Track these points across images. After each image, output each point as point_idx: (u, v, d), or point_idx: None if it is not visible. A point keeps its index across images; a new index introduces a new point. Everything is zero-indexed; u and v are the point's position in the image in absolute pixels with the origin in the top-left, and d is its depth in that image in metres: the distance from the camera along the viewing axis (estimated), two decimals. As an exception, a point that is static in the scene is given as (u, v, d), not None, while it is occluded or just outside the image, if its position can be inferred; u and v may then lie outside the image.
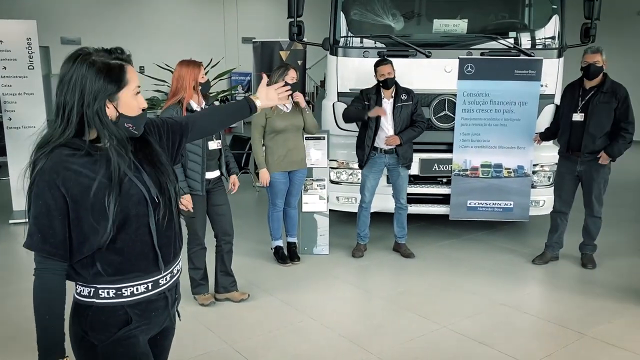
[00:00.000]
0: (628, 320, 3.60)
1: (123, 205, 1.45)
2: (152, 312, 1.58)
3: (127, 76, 1.47)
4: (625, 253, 4.88)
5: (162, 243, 1.55)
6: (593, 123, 4.23)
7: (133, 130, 1.50)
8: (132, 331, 1.54)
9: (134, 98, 1.49)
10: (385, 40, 5.10)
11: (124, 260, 1.49)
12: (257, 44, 7.42)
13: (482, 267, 4.57)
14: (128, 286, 1.51)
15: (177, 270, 1.65)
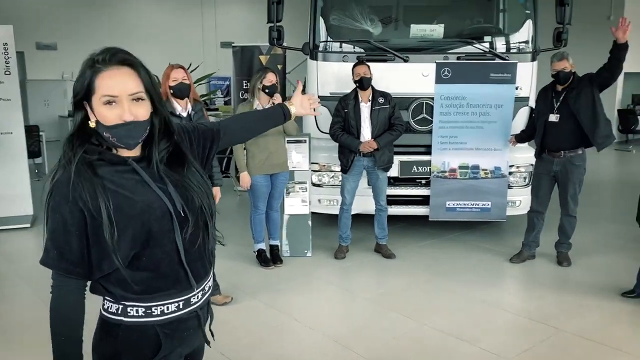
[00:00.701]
0: (602, 315, 3.72)
1: (144, 220, 1.34)
2: (184, 332, 1.47)
3: (96, 82, 1.31)
4: (600, 251, 5.02)
5: (191, 259, 1.43)
6: (566, 124, 4.36)
7: (115, 141, 1.33)
8: (167, 356, 1.45)
9: (102, 107, 1.31)
10: (364, 45, 5.18)
11: (152, 278, 1.39)
12: (237, 49, 7.44)
13: (461, 266, 4.67)
14: (158, 305, 1.40)
15: (208, 287, 1.54)
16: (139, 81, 1.35)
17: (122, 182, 1.35)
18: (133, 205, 1.33)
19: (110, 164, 1.36)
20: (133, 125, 1.32)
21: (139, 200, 1.34)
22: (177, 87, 3.49)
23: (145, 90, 1.36)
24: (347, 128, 4.60)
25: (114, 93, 1.30)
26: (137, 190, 1.36)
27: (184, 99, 3.54)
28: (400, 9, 5.75)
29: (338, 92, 4.94)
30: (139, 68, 1.36)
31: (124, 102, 1.31)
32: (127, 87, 1.32)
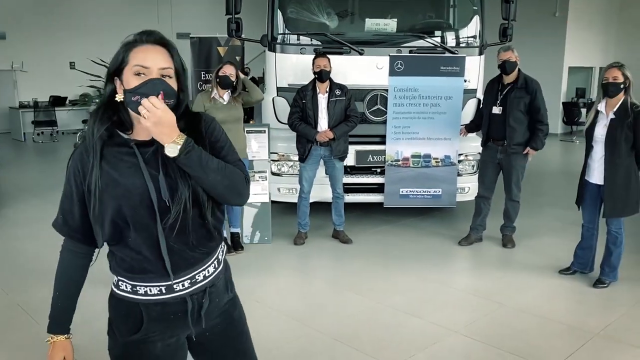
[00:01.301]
0: (542, 291, 4.03)
1: (121, 203, 1.39)
2: (170, 315, 1.50)
3: (129, 55, 1.40)
4: (541, 234, 5.37)
5: (174, 248, 1.43)
6: (511, 116, 4.61)
7: (139, 100, 1.33)
8: (148, 336, 1.50)
9: (132, 77, 1.38)
10: (321, 38, 5.33)
11: (137, 259, 1.44)
12: (195, 40, 7.45)
13: (414, 250, 4.92)
14: (142, 285, 1.46)
15: (203, 277, 1.51)
16: (171, 61, 1.42)
17: (117, 164, 1.41)
18: (116, 188, 1.39)
19: (116, 145, 1.42)
20: (159, 81, 1.37)
21: (122, 184, 1.39)
22: None
23: (175, 70, 1.43)
24: (304, 118, 4.76)
25: (146, 64, 1.37)
26: (126, 174, 1.40)
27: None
28: (356, 3, 5.94)
29: (296, 84, 5.08)
30: (172, 50, 1.45)
31: (154, 73, 1.38)
32: (159, 61, 1.39)
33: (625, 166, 3.75)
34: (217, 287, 1.57)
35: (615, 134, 3.71)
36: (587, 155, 3.96)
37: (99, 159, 1.39)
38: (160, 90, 1.35)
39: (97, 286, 1.98)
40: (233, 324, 1.66)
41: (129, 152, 1.41)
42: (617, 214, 3.86)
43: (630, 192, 3.79)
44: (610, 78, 3.72)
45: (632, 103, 3.71)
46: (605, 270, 4.04)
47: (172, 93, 1.39)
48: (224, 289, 1.61)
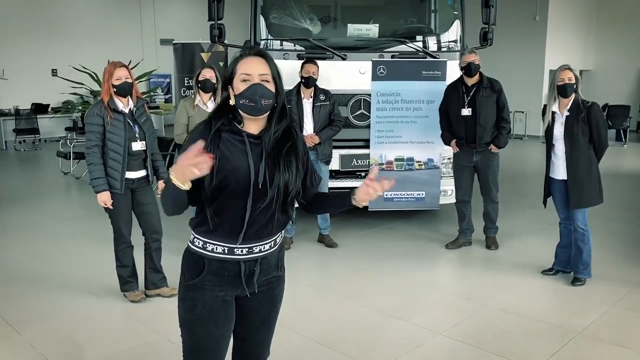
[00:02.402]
0: (525, 290, 4.09)
1: (229, 175, 1.73)
2: (225, 272, 1.82)
3: (237, 67, 1.78)
4: (522, 234, 5.44)
5: (254, 222, 1.78)
6: (482, 116, 4.70)
7: (250, 103, 1.73)
8: (204, 284, 1.82)
9: (240, 83, 1.75)
10: (304, 43, 5.36)
11: (218, 219, 1.77)
12: (178, 46, 7.46)
13: (399, 253, 4.96)
14: (211, 243, 1.81)
15: (259, 250, 1.83)
16: (269, 69, 1.77)
17: (230, 147, 1.76)
18: (227, 163, 1.73)
19: (232, 133, 1.78)
20: (259, 85, 1.74)
21: (232, 161, 1.74)
22: (121, 86, 3.54)
23: (272, 76, 1.77)
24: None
25: (249, 72, 1.75)
26: (237, 155, 1.75)
27: (126, 97, 3.61)
28: (338, 8, 5.98)
29: (279, 89, 5.08)
30: (269, 60, 1.79)
31: (255, 79, 1.74)
32: (258, 69, 1.75)
33: (586, 158, 3.95)
34: (268, 261, 1.88)
35: (572, 129, 3.93)
36: (548, 155, 4.14)
37: (218, 142, 1.74)
38: (261, 93, 1.73)
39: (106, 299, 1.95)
40: (271, 297, 1.95)
41: (240, 140, 1.77)
42: (584, 204, 3.99)
43: (592, 182, 3.97)
44: (566, 79, 3.93)
45: (582, 100, 3.95)
46: (579, 268, 4.12)
47: (269, 95, 1.75)
48: (274, 266, 1.91)
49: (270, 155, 1.77)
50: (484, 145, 4.74)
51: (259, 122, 1.80)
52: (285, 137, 1.82)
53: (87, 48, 13.87)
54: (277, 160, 1.77)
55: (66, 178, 8.84)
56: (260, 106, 1.73)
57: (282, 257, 1.96)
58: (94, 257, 4.77)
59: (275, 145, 1.79)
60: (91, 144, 3.56)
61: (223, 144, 1.75)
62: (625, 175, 8.69)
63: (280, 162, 1.77)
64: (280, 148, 1.79)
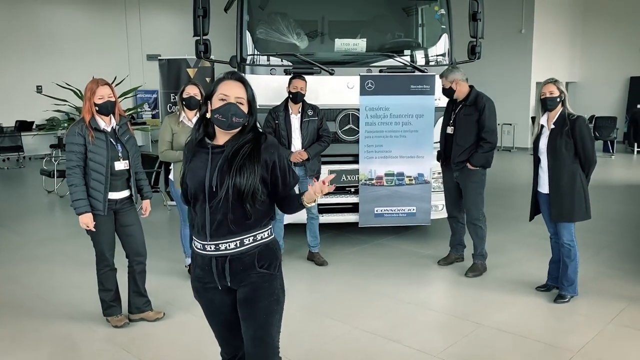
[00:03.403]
0: (519, 308, 4.00)
1: (191, 183, 2.07)
2: (204, 266, 2.12)
3: (217, 87, 2.06)
4: (513, 249, 5.37)
5: (214, 220, 2.04)
6: (459, 134, 4.59)
7: (222, 119, 2.01)
8: (197, 275, 2.16)
9: (217, 102, 2.03)
10: (291, 59, 5.30)
11: (196, 221, 2.10)
12: (164, 62, 7.36)
13: (390, 270, 4.86)
14: (195, 240, 2.13)
15: (225, 248, 2.06)
16: (245, 93, 2.06)
17: (197, 160, 2.08)
18: (192, 174, 2.08)
19: (203, 147, 2.10)
20: (232, 105, 2.02)
21: (196, 172, 2.06)
22: (103, 105, 3.43)
23: (247, 100, 2.06)
24: (277, 138, 4.69)
25: (227, 93, 2.03)
26: (199, 166, 2.06)
27: (108, 116, 3.50)
28: (325, 23, 5.94)
29: (266, 104, 5.00)
30: (247, 85, 2.09)
31: (232, 100, 2.03)
32: (235, 92, 2.04)
33: (569, 172, 3.87)
34: (241, 260, 2.07)
35: (555, 143, 3.88)
36: (535, 167, 4.08)
37: (192, 155, 2.10)
38: (233, 111, 2.02)
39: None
40: (256, 293, 2.10)
41: (206, 152, 2.08)
42: (565, 219, 3.92)
43: (575, 197, 3.88)
44: (547, 93, 3.91)
45: (568, 113, 3.90)
46: (564, 285, 4.04)
47: (241, 114, 2.04)
48: (250, 264, 2.08)
49: (227, 161, 2.01)
50: (458, 163, 4.60)
51: (228, 135, 2.07)
52: (249, 145, 2.04)
53: (73, 64, 13.76)
54: (231, 165, 2.00)
55: (50, 197, 8.66)
56: (230, 122, 2.02)
57: (269, 257, 2.12)
58: (76, 280, 4.62)
59: (235, 152, 2.02)
60: (72, 164, 3.44)
61: (194, 158, 2.09)
62: (614, 187, 8.70)
63: (233, 166, 2.00)
64: (238, 154, 2.02)
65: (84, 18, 15.19)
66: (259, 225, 2.08)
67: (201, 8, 5.05)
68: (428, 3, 5.89)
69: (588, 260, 4.77)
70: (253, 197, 2.00)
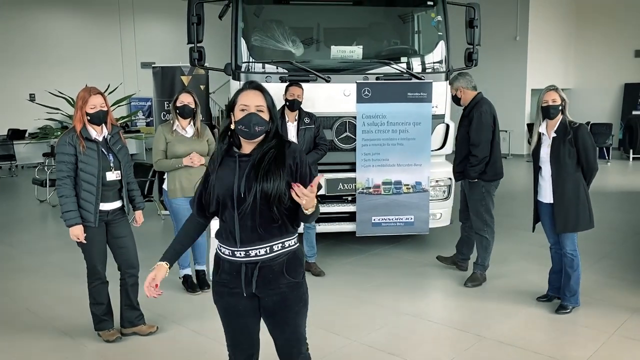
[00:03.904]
0: (520, 320, 3.92)
1: (218, 191, 2.11)
2: (233, 272, 2.15)
3: (237, 98, 2.12)
4: (513, 258, 5.30)
5: (243, 227, 2.08)
6: (457, 145, 4.64)
7: (245, 129, 2.07)
8: (222, 280, 2.18)
9: (239, 112, 2.09)
10: (287, 66, 5.23)
11: (223, 228, 2.15)
12: (157, 70, 7.28)
13: (388, 280, 4.78)
14: (222, 246, 2.17)
15: (255, 254, 2.10)
16: (264, 100, 2.11)
17: (225, 168, 2.13)
18: (219, 182, 2.11)
19: (230, 156, 2.15)
20: (253, 115, 2.07)
21: (222, 179, 2.11)
22: (95, 114, 3.35)
23: (266, 107, 2.11)
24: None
25: (247, 103, 2.09)
26: (227, 174, 2.11)
27: (100, 125, 3.42)
28: (321, 30, 5.88)
29: (261, 113, 4.94)
30: (265, 93, 2.13)
31: (252, 109, 2.08)
32: (255, 101, 2.09)
33: (573, 181, 3.82)
34: (271, 267, 2.11)
35: (559, 152, 3.81)
36: (535, 176, 4.03)
37: (219, 164, 2.15)
38: (255, 121, 2.07)
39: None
40: (285, 302, 2.15)
41: (233, 160, 2.13)
42: (570, 229, 3.85)
43: (580, 206, 3.83)
44: (550, 101, 3.83)
45: (569, 121, 3.84)
46: (566, 295, 3.97)
47: (263, 122, 2.09)
48: (280, 272, 2.12)
49: (254, 168, 2.06)
50: (458, 174, 4.67)
51: (253, 143, 2.12)
52: (273, 151, 2.09)
53: (67, 72, 13.68)
54: (257, 171, 2.05)
55: (42, 206, 8.55)
56: (253, 132, 2.07)
57: (296, 266, 2.17)
58: (68, 292, 4.51)
59: (260, 159, 2.07)
60: (62, 174, 3.35)
61: (221, 167, 2.14)
62: (610, 194, 8.67)
63: (260, 172, 2.04)
64: (264, 160, 2.06)
65: (78, 26, 15.11)
66: (286, 232, 2.14)
67: (195, 15, 5.00)
68: (425, 10, 5.84)
69: (588, 269, 4.70)
70: (279, 200, 2.05)
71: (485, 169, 4.49)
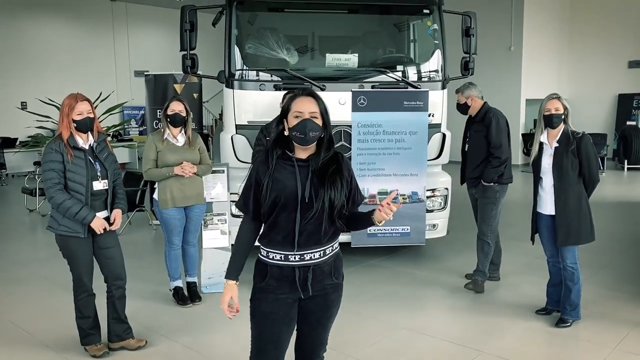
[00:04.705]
0: (519, 334, 3.82)
1: (279, 194, 2.10)
2: (283, 277, 2.15)
3: (292, 105, 2.14)
4: (511, 270, 5.19)
5: (303, 231, 2.10)
6: (471, 151, 4.64)
7: (300, 135, 2.10)
8: (269, 286, 2.16)
9: (293, 119, 2.12)
10: (281, 74, 5.15)
11: (275, 232, 2.14)
12: (150, 77, 7.19)
13: (384, 293, 4.67)
14: (271, 251, 2.16)
15: (310, 257, 2.14)
16: (317, 107, 2.14)
17: (282, 170, 2.13)
18: (278, 184, 2.11)
19: (284, 159, 2.16)
20: (308, 121, 2.10)
21: (282, 181, 2.11)
22: (82, 121, 3.25)
23: (320, 113, 2.13)
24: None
25: (301, 110, 2.12)
26: (286, 177, 2.12)
27: (86, 133, 3.32)
28: (316, 38, 5.81)
29: (256, 121, 4.86)
30: (318, 99, 2.16)
31: (306, 115, 2.10)
32: (309, 107, 2.12)
33: (576, 193, 3.73)
34: (321, 269, 2.18)
35: (561, 162, 3.72)
36: (535, 187, 3.94)
37: (273, 167, 2.13)
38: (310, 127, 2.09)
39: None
40: (326, 302, 2.24)
41: (290, 164, 2.15)
42: (572, 242, 3.76)
43: (582, 219, 3.74)
44: (553, 109, 3.77)
45: (572, 131, 3.76)
46: (566, 309, 3.87)
47: (317, 128, 2.12)
48: (328, 273, 2.21)
49: (316, 175, 2.11)
50: (473, 179, 4.65)
51: (308, 150, 2.15)
52: (332, 161, 2.15)
53: (60, 81, 13.55)
54: (322, 179, 2.10)
55: (31, 216, 8.39)
56: (308, 138, 2.10)
57: (339, 267, 2.27)
58: (54, 304, 4.38)
59: (321, 167, 2.12)
60: (53, 182, 3.23)
61: (276, 169, 2.13)
62: (606, 204, 8.61)
63: (326, 180, 2.10)
64: (326, 169, 2.12)
65: (72, 34, 15.02)
66: (337, 236, 2.23)
67: (188, 22, 4.93)
68: (421, 18, 5.79)
69: (587, 281, 4.60)
70: (341, 210, 2.14)
71: (503, 171, 4.56)
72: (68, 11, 14.87)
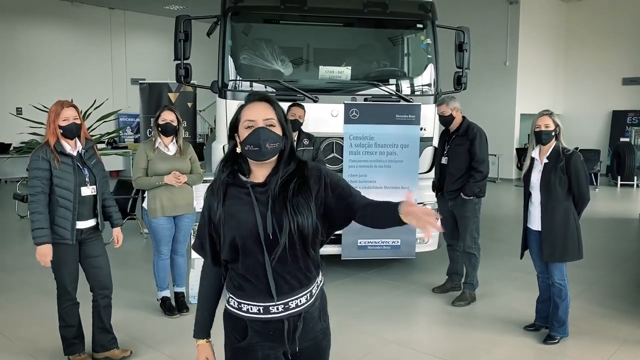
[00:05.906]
0: (507, 350, 3.81)
1: (235, 233, 1.68)
2: (270, 331, 1.74)
3: (241, 114, 1.73)
4: (501, 285, 5.19)
5: (276, 275, 1.68)
6: (452, 164, 4.63)
7: (254, 148, 1.67)
8: (252, 345, 1.74)
9: (244, 131, 1.70)
10: (274, 85, 5.17)
11: (244, 280, 1.71)
12: (145, 86, 7.21)
13: (373, 306, 4.65)
14: (245, 303, 1.72)
15: (295, 305, 1.73)
16: (274, 112, 1.72)
17: (236, 202, 1.70)
18: (233, 221, 1.69)
19: (237, 186, 1.73)
20: (262, 130, 1.67)
21: (238, 217, 1.68)
22: (68, 127, 3.24)
23: (277, 120, 1.72)
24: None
25: (252, 118, 1.69)
26: (242, 209, 1.69)
27: (73, 139, 3.31)
28: (310, 50, 5.84)
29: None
30: (274, 104, 1.74)
31: (260, 123, 1.68)
32: (263, 114, 1.70)
33: (564, 209, 3.72)
34: (311, 314, 1.78)
35: (549, 179, 3.72)
36: (525, 202, 3.95)
37: (222, 198, 1.71)
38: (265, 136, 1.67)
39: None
40: (319, 352, 1.88)
41: (246, 192, 1.71)
42: (557, 259, 3.76)
43: (568, 236, 3.73)
44: (543, 126, 3.76)
45: (563, 148, 3.76)
46: (554, 325, 3.86)
47: (275, 138, 1.70)
48: (317, 318, 1.82)
49: (277, 200, 1.68)
50: (451, 192, 4.62)
51: (266, 168, 1.73)
52: (293, 177, 1.72)
53: (56, 87, 13.54)
54: (284, 204, 1.67)
55: (22, 222, 8.35)
56: (265, 150, 1.68)
57: (325, 306, 1.88)
58: (39, 312, 4.33)
59: (281, 188, 1.70)
60: (37, 190, 3.22)
61: (229, 200, 1.71)
62: (598, 220, 8.63)
63: (288, 206, 1.67)
64: (287, 190, 1.69)
65: (69, 41, 15.05)
66: (319, 269, 1.81)
67: (182, 32, 4.96)
68: (414, 32, 5.83)
69: (577, 297, 4.61)
70: (314, 237, 1.70)
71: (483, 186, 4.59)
72: (66, 18, 14.92)
